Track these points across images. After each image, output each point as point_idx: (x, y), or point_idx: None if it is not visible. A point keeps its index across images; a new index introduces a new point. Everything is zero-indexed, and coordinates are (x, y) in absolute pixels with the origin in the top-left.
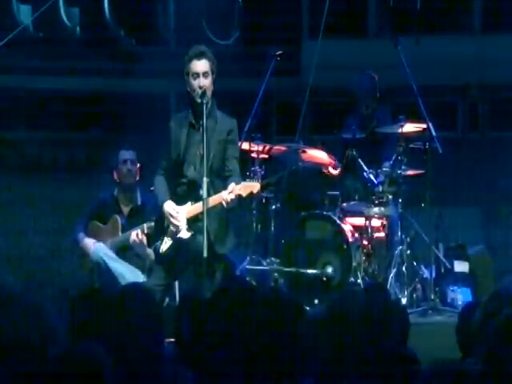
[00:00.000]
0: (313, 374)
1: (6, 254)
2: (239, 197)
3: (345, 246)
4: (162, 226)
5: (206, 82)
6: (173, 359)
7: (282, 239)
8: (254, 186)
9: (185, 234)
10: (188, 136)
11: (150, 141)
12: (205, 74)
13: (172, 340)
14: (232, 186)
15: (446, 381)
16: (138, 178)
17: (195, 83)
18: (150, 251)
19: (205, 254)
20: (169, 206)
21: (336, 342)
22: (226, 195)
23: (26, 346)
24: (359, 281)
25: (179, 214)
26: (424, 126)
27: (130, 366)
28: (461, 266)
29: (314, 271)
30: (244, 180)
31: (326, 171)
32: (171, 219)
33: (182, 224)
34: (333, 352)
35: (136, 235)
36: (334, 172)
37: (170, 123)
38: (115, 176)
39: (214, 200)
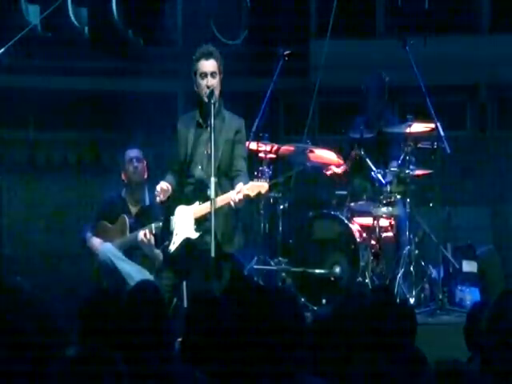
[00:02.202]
0: (320, 374)
1: (14, 253)
2: (247, 197)
3: (353, 246)
4: (169, 227)
5: (213, 82)
6: (181, 359)
7: (289, 239)
8: (263, 187)
9: (193, 234)
10: (195, 135)
11: (158, 141)
12: (213, 74)
13: (181, 340)
14: (240, 186)
15: (452, 381)
16: (145, 177)
17: (203, 83)
18: (157, 251)
19: (212, 254)
20: (163, 183)
21: (342, 341)
22: (234, 195)
23: (34, 345)
24: (367, 281)
25: (168, 190)
26: (432, 125)
27: (139, 365)
28: (469, 266)
29: (321, 271)
30: (252, 180)
31: (329, 172)
32: (157, 189)
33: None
34: (340, 352)
35: (144, 235)
36: (338, 170)
37: (177, 124)
38: (123, 176)
39: (221, 200)
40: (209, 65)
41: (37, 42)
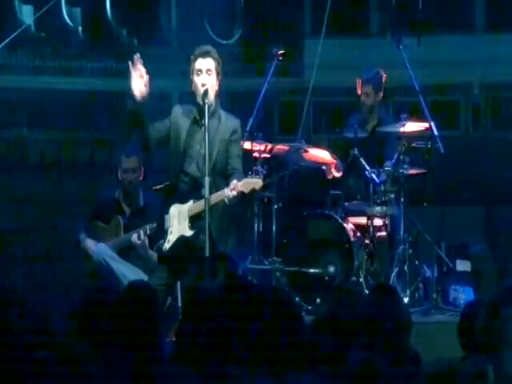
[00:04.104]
0: (315, 373)
1: (8, 253)
2: (241, 194)
3: (347, 246)
4: (164, 228)
5: (208, 80)
6: (175, 359)
7: (284, 238)
8: (257, 183)
9: (187, 231)
10: (190, 131)
11: None
12: (208, 72)
13: (174, 339)
14: (234, 182)
15: (446, 380)
16: (141, 179)
17: (198, 80)
18: (151, 253)
19: (207, 253)
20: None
21: (337, 341)
22: (228, 192)
23: (25, 345)
24: (361, 280)
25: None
26: (426, 125)
27: (132, 365)
28: (463, 265)
29: (315, 270)
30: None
31: (329, 175)
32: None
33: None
34: (334, 351)
35: (138, 237)
36: (338, 174)
37: (174, 108)
38: (119, 175)
39: (216, 197)
40: (205, 63)
41: (30, 41)
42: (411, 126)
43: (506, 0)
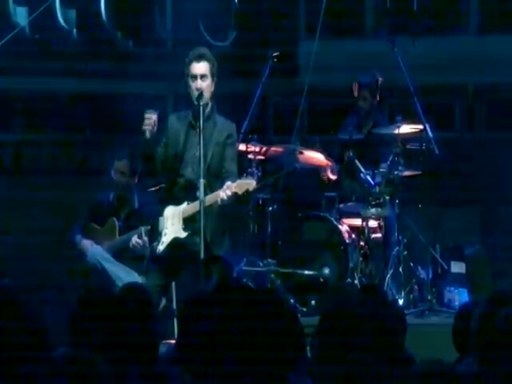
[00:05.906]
0: (309, 375)
1: (2, 254)
2: (235, 195)
3: (342, 247)
4: (158, 230)
5: (203, 85)
6: (169, 360)
7: (278, 240)
8: (250, 184)
9: (181, 233)
10: (187, 136)
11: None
12: (203, 77)
13: (169, 341)
14: (228, 184)
15: (441, 381)
16: (136, 181)
17: (193, 85)
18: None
19: (201, 256)
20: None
21: (331, 343)
22: (222, 193)
23: (18, 346)
24: (356, 282)
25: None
26: (421, 126)
27: (126, 367)
28: (458, 267)
29: (310, 272)
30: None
31: (324, 177)
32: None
33: None
34: (329, 353)
35: (139, 237)
36: (333, 177)
37: (168, 121)
38: (113, 176)
39: (210, 199)
40: (199, 67)
41: (25, 43)
42: (406, 128)
43: (500, 2)
